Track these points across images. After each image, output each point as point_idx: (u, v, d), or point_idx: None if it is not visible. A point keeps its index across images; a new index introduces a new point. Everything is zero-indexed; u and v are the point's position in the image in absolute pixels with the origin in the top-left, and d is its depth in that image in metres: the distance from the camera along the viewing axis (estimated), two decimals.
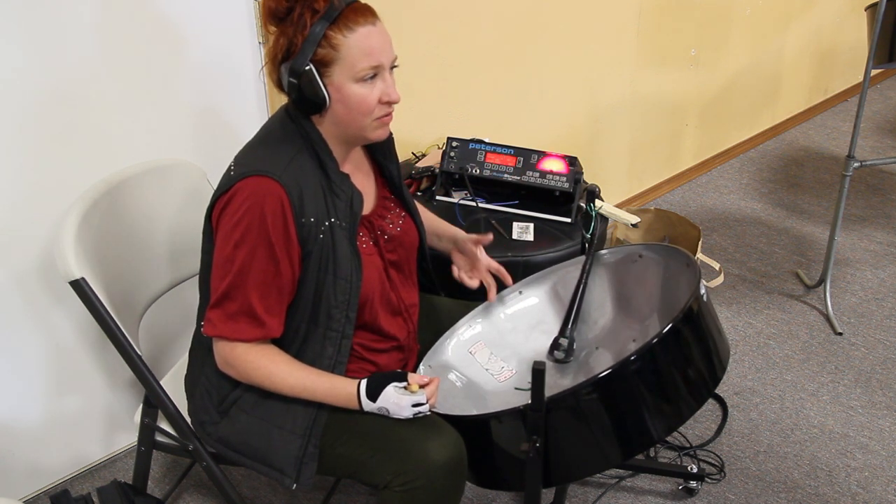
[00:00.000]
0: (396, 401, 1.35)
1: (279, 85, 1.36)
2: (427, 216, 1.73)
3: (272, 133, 1.40)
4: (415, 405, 1.36)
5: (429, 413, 1.38)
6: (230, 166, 1.37)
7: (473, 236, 1.65)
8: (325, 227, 1.35)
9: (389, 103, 1.36)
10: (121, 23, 1.76)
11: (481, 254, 1.65)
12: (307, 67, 1.29)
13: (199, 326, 1.52)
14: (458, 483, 1.38)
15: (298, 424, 1.40)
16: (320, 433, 1.41)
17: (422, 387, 1.37)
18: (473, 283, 1.64)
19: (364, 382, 1.37)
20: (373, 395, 1.36)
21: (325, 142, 1.37)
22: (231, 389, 1.44)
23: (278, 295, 1.34)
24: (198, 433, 1.51)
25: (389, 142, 1.54)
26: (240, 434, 1.44)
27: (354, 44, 1.29)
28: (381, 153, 1.54)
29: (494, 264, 1.66)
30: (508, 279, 1.68)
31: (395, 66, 1.37)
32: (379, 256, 1.48)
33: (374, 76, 1.33)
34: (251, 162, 1.33)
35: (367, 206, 1.49)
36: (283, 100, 1.42)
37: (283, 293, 1.35)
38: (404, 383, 1.37)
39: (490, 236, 1.64)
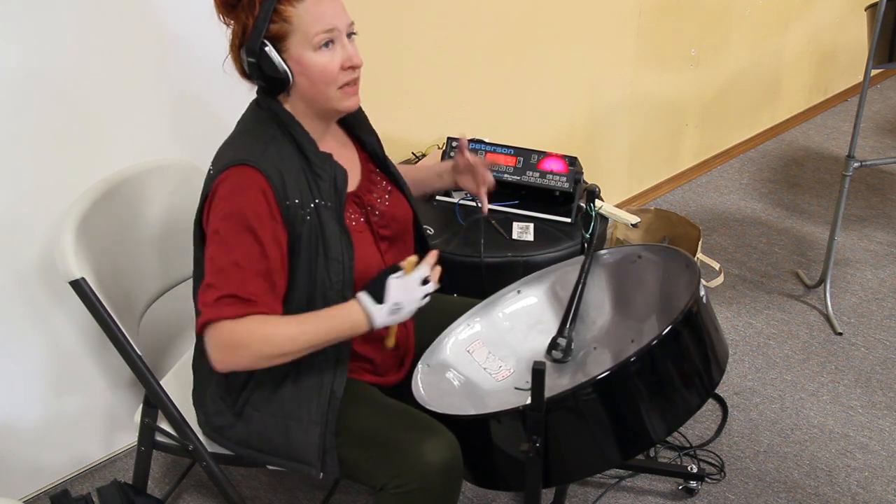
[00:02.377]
0: (404, 286, 1.32)
1: (243, 72, 1.36)
2: (419, 170, 1.71)
3: (244, 126, 1.40)
4: (423, 283, 1.33)
5: (437, 287, 1.35)
6: (209, 168, 1.37)
7: (458, 155, 1.64)
8: (311, 208, 1.34)
9: (353, 68, 1.35)
10: (120, 22, 1.76)
11: (473, 159, 1.63)
12: (263, 46, 1.29)
13: (198, 338, 1.51)
14: (454, 485, 1.38)
15: (314, 412, 1.39)
16: (336, 417, 1.39)
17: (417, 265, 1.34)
18: (482, 192, 1.63)
19: (363, 292, 1.33)
20: (379, 297, 1.32)
21: (298, 122, 1.37)
22: (241, 390, 1.44)
23: (264, 279, 1.31)
24: (217, 440, 1.49)
25: (362, 115, 1.54)
26: (258, 433, 1.43)
27: (305, 11, 1.29)
28: (357, 127, 1.53)
29: (484, 164, 1.64)
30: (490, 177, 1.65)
31: (353, 34, 1.36)
32: (370, 233, 1.48)
33: (331, 42, 1.32)
34: (227, 156, 1.33)
35: (353, 181, 1.48)
36: None
37: (272, 276, 1.32)
38: (400, 272, 1.33)
39: (465, 140, 1.62)
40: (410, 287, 1.33)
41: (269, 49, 1.30)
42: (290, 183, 1.32)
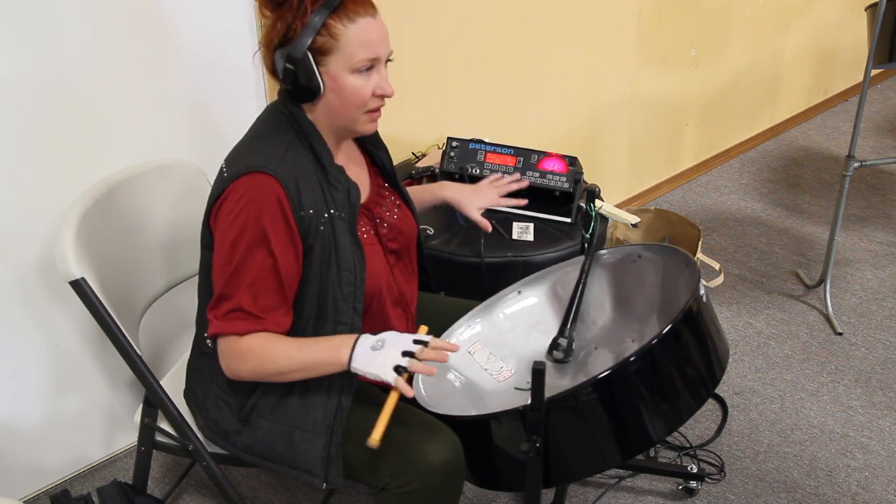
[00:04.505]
0: (397, 334, 1.32)
1: (273, 71, 1.36)
2: (412, 189, 1.73)
3: (263, 128, 1.39)
4: (416, 342, 1.31)
5: (424, 363, 1.32)
6: (222, 168, 1.36)
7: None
8: (325, 218, 1.34)
9: (383, 97, 1.36)
10: (120, 21, 1.76)
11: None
12: (305, 55, 1.29)
13: (198, 338, 1.51)
14: (456, 485, 1.38)
15: (319, 423, 1.38)
16: (342, 430, 1.39)
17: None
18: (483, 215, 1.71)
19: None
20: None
21: (317, 132, 1.36)
22: (248, 396, 1.43)
23: (276, 292, 1.32)
24: (221, 445, 1.49)
25: (375, 132, 1.54)
26: (263, 440, 1.42)
27: (354, 35, 1.29)
28: (369, 141, 1.54)
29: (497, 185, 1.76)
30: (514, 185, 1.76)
31: (390, 60, 1.37)
32: (380, 245, 1.48)
33: (369, 68, 1.32)
34: (244, 160, 1.32)
35: (363, 194, 1.49)
36: None
37: (284, 289, 1.33)
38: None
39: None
40: (404, 337, 1.32)
41: (310, 60, 1.29)
42: (305, 192, 1.32)
